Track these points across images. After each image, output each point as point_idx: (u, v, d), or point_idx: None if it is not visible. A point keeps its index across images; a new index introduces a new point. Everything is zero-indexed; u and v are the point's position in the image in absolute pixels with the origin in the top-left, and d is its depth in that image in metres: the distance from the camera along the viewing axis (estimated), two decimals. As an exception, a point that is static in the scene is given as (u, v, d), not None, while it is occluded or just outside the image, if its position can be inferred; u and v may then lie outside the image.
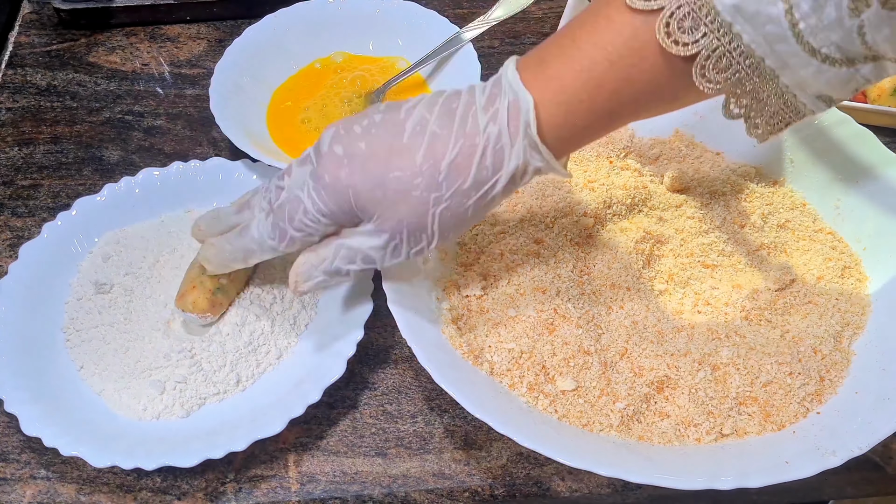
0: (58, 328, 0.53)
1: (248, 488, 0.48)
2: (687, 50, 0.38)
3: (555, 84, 0.41)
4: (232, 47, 0.68)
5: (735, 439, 0.46)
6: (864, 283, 0.54)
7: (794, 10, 0.36)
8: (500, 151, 0.41)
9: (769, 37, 0.37)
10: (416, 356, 0.46)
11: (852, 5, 0.35)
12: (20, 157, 0.66)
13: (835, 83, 0.39)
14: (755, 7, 0.37)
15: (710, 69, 0.39)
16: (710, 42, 0.38)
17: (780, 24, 0.36)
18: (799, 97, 0.40)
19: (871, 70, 0.39)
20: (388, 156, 0.42)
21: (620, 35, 0.39)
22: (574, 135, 0.42)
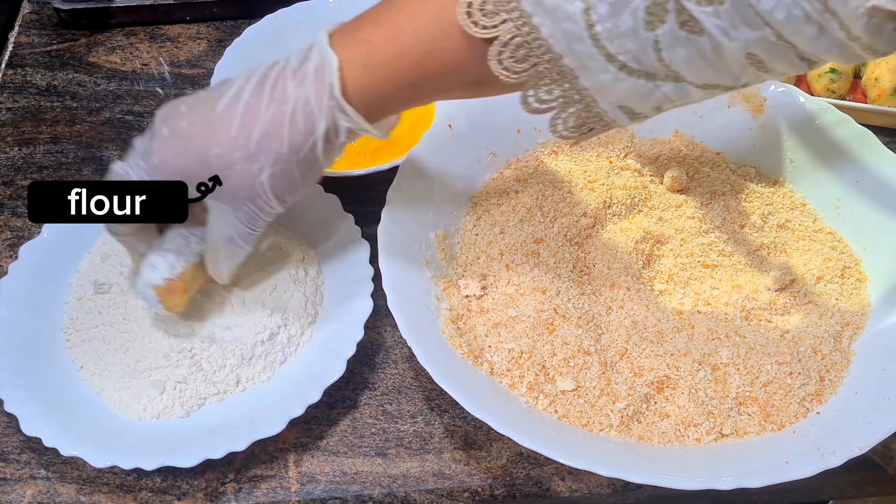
0: (57, 328, 0.53)
1: (248, 488, 0.48)
2: (485, 33, 0.38)
3: (363, 47, 0.41)
4: (232, 47, 0.68)
5: (735, 439, 0.46)
6: (864, 283, 0.54)
7: (591, 11, 0.36)
8: (309, 115, 0.41)
9: (567, 34, 0.37)
10: (416, 356, 0.46)
11: (648, 18, 0.35)
12: (20, 157, 0.66)
13: (633, 94, 0.38)
14: (555, 1, 0.36)
15: (507, 57, 0.38)
16: (508, 29, 0.38)
17: (578, 23, 0.36)
18: (599, 103, 0.39)
19: (674, 90, 0.38)
20: (207, 133, 0.43)
21: (430, 9, 0.40)
22: (381, 98, 0.42)
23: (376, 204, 0.53)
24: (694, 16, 0.34)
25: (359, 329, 0.50)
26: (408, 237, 0.52)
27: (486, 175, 0.59)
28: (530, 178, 0.58)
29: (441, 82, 0.42)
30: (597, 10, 0.36)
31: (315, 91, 0.41)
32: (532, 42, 0.38)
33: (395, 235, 0.52)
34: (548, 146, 0.61)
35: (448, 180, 0.57)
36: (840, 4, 0.32)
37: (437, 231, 0.55)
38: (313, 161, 0.43)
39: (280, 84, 0.42)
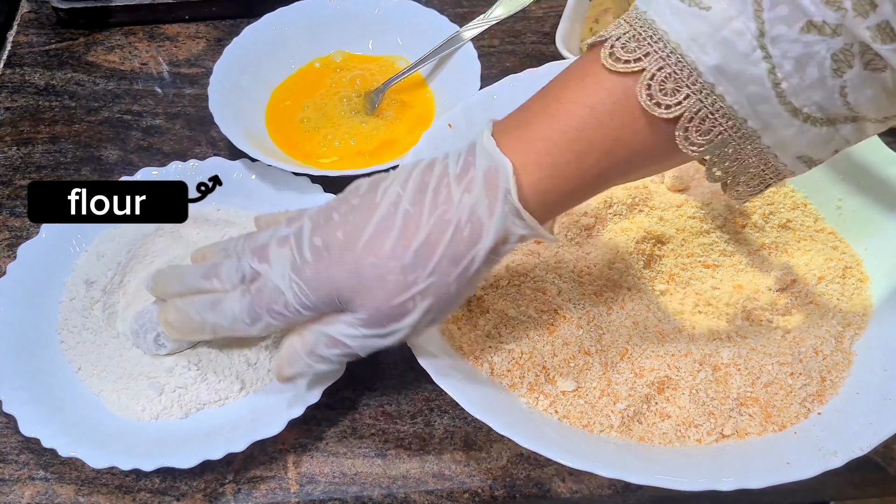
0: (55, 329, 0.52)
1: (247, 489, 0.48)
2: (670, 112, 0.37)
3: (539, 146, 0.39)
4: (231, 46, 0.68)
5: (736, 440, 0.46)
6: (866, 283, 0.54)
7: (776, 70, 0.35)
8: (476, 223, 0.39)
9: (752, 97, 0.36)
10: (416, 356, 0.46)
11: (835, 66, 0.35)
12: (19, 157, 0.66)
13: (816, 143, 0.38)
14: (737, 67, 0.36)
15: (693, 131, 0.38)
16: (692, 104, 0.37)
17: (763, 84, 0.36)
18: (780, 158, 0.39)
19: (852, 130, 0.38)
20: (364, 243, 0.40)
21: (610, 95, 0.38)
22: (561, 198, 0.40)
23: (376, 204, 0.53)
24: (879, 54, 0.34)
25: (358, 329, 0.50)
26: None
27: (487, 175, 0.59)
28: (530, 177, 0.58)
29: (629, 168, 0.40)
30: (782, 68, 0.35)
31: (486, 198, 0.39)
32: (716, 112, 0.37)
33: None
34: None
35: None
36: None
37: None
38: (474, 273, 0.40)
39: (443, 191, 0.40)
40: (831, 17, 0.34)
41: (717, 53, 0.36)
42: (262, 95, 0.68)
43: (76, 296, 0.53)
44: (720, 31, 0.35)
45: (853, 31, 0.34)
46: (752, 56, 0.35)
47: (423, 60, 0.68)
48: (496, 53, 0.73)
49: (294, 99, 0.68)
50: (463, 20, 0.72)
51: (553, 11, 0.77)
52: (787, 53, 0.35)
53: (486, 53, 0.70)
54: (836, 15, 0.34)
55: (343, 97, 0.68)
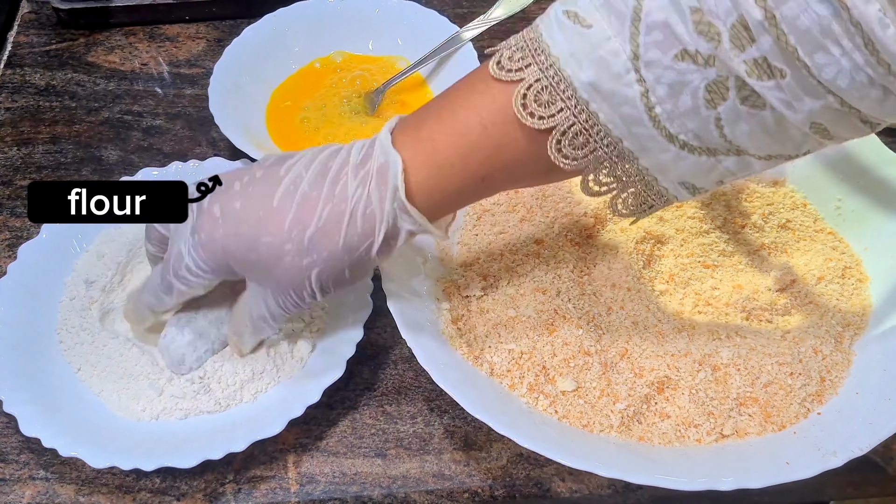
0: (55, 329, 0.52)
1: (247, 489, 0.48)
2: (542, 123, 0.37)
3: (428, 146, 0.40)
4: (231, 47, 0.68)
5: (736, 440, 0.46)
6: (865, 283, 0.54)
7: (650, 94, 0.35)
8: (370, 217, 0.40)
9: (626, 118, 0.36)
10: (416, 356, 0.46)
11: (708, 97, 0.35)
12: (19, 157, 0.66)
13: (696, 171, 0.38)
14: (611, 87, 0.36)
15: (566, 145, 0.38)
16: (566, 118, 0.37)
17: (637, 107, 0.36)
18: (660, 181, 0.39)
19: (735, 163, 0.38)
20: (260, 219, 0.41)
21: (494, 101, 0.39)
22: (446, 198, 0.41)
23: (376, 204, 0.53)
24: (756, 91, 0.34)
25: (358, 329, 0.50)
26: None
27: (486, 175, 0.59)
28: (530, 178, 0.58)
29: (509, 175, 0.41)
30: (655, 93, 0.35)
31: (378, 193, 0.40)
32: (591, 129, 0.37)
33: (394, 235, 0.52)
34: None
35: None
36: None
37: (437, 231, 0.55)
38: (367, 261, 0.42)
39: (341, 180, 0.41)
40: (704, 48, 0.34)
41: (592, 71, 0.36)
42: (262, 95, 0.68)
43: (76, 296, 0.53)
44: (597, 50, 0.35)
45: (728, 64, 0.34)
46: (626, 77, 0.35)
47: (423, 61, 0.68)
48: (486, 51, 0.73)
49: (294, 99, 0.68)
50: (463, 20, 0.72)
51: (553, 12, 0.77)
52: (660, 79, 0.35)
53: (486, 54, 0.70)
54: (708, 45, 0.33)
55: (343, 97, 0.68)
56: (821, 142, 0.37)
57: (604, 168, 0.39)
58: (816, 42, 0.31)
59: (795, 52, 0.32)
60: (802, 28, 0.31)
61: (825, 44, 0.31)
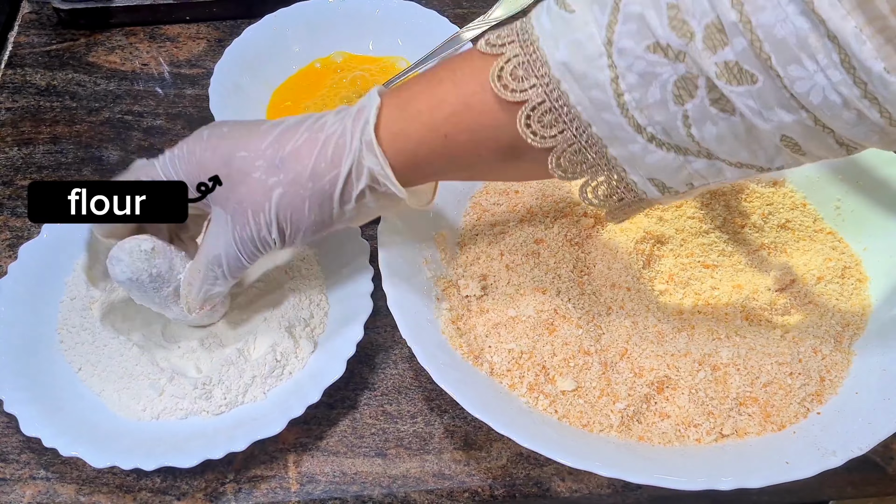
0: (55, 329, 0.53)
1: (247, 489, 0.48)
2: (514, 96, 0.38)
3: (403, 94, 0.42)
4: (231, 47, 0.68)
5: (735, 440, 0.46)
6: (865, 283, 0.54)
7: (620, 80, 0.35)
8: (340, 147, 0.42)
9: (595, 102, 0.36)
10: (416, 356, 0.46)
11: (676, 92, 0.35)
12: (20, 157, 0.66)
13: (664, 168, 0.38)
14: (583, 68, 0.36)
15: (535, 121, 0.38)
16: (537, 93, 0.38)
17: (606, 92, 0.36)
18: (629, 174, 0.39)
19: (706, 167, 0.38)
20: (240, 139, 0.44)
21: (473, 69, 0.40)
22: (411, 149, 0.42)
23: (376, 204, 0.53)
24: (725, 94, 0.34)
25: (359, 329, 0.50)
26: (408, 237, 0.52)
27: (486, 175, 0.59)
28: (530, 178, 0.58)
29: (473, 141, 0.41)
30: (625, 80, 0.35)
31: (351, 125, 0.42)
32: (560, 108, 0.37)
33: (394, 235, 0.52)
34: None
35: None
36: (881, 89, 0.31)
37: (437, 231, 0.55)
38: (327, 199, 0.43)
39: (323, 119, 0.43)
40: (675, 42, 0.34)
41: (566, 51, 0.36)
42: (262, 96, 0.68)
43: (76, 295, 0.53)
44: (574, 32, 0.36)
45: (699, 63, 0.34)
46: (598, 61, 0.36)
47: (423, 61, 0.68)
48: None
49: (294, 99, 0.68)
50: (463, 21, 0.72)
51: (553, 12, 0.77)
52: (631, 67, 0.35)
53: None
54: (680, 41, 0.34)
55: (343, 98, 0.68)
56: (795, 157, 0.36)
57: (573, 150, 0.39)
58: (791, 53, 0.31)
59: (769, 59, 0.32)
60: (778, 37, 0.31)
61: (800, 56, 0.31)
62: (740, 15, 0.32)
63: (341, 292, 0.53)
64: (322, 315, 0.53)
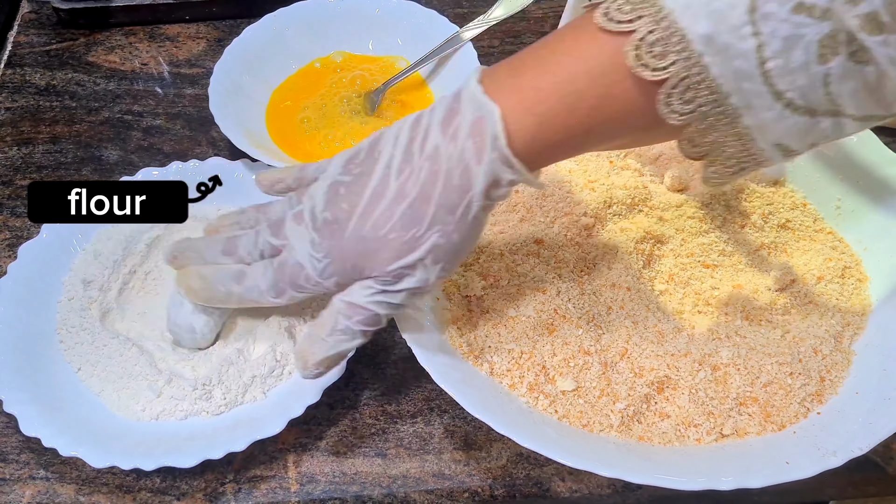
0: (55, 328, 0.53)
1: (247, 489, 0.48)
2: (655, 75, 0.37)
3: (530, 94, 0.39)
4: (231, 47, 0.68)
5: (735, 440, 0.46)
6: (865, 283, 0.54)
7: (764, 48, 0.35)
8: (465, 171, 0.40)
9: (737, 72, 0.36)
10: (416, 356, 0.46)
11: (820, 52, 0.34)
12: (19, 157, 0.66)
13: (794, 132, 0.38)
14: (727, 39, 0.35)
15: (675, 99, 0.37)
16: (678, 70, 0.36)
17: (750, 60, 0.35)
18: (758, 142, 0.38)
19: (831, 125, 0.37)
20: (362, 210, 0.42)
21: (602, 51, 0.38)
22: (547, 149, 0.40)
23: (376, 204, 0.53)
24: (865, 46, 0.34)
25: (358, 329, 0.50)
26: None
27: (486, 175, 0.59)
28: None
29: (613, 128, 0.39)
30: (770, 46, 0.35)
31: (473, 144, 0.39)
32: (701, 83, 0.36)
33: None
34: (548, 146, 0.60)
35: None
36: None
37: (437, 231, 0.55)
38: (472, 220, 0.41)
39: (430, 142, 0.40)
40: (821, 0, 0.34)
41: (708, 22, 0.35)
42: (262, 95, 0.68)
43: (74, 295, 0.53)
44: (714, 2, 0.35)
45: (841, 18, 0.34)
46: (742, 30, 0.35)
47: (423, 61, 0.68)
48: (496, 54, 0.74)
49: (294, 99, 0.68)
50: (463, 20, 0.72)
51: (553, 11, 0.77)
52: (776, 32, 0.35)
53: (486, 54, 0.71)
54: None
55: (343, 97, 0.68)
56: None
57: (707, 124, 0.38)
58: None
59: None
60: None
61: None
62: None
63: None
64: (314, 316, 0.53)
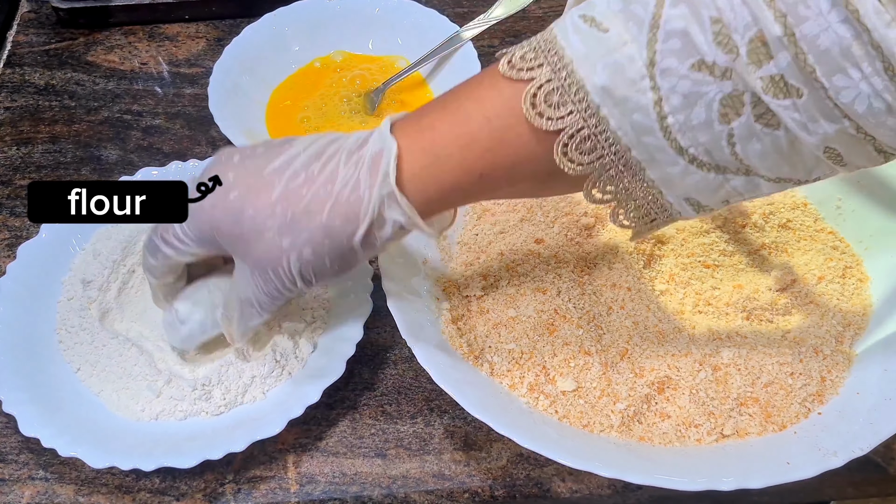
0: (54, 329, 0.52)
1: (247, 489, 0.48)
2: (551, 125, 0.37)
3: (427, 135, 0.39)
4: (231, 46, 0.68)
5: (736, 440, 0.46)
6: (866, 283, 0.54)
7: (663, 103, 0.34)
8: (355, 201, 0.39)
9: (636, 126, 0.35)
10: (416, 356, 0.46)
11: (723, 110, 0.34)
12: (19, 157, 0.66)
13: (702, 188, 0.37)
14: (624, 92, 0.35)
15: (573, 149, 0.37)
16: (575, 121, 0.36)
17: (649, 115, 0.35)
18: (665, 195, 0.38)
19: (744, 183, 0.37)
20: (248, 191, 0.41)
21: (501, 97, 0.38)
22: (441, 191, 0.39)
23: (376, 204, 0.53)
24: (771, 109, 0.33)
25: (358, 329, 0.50)
26: (407, 237, 0.52)
27: (486, 175, 0.59)
28: (530, 177, 0.58)
29: (509, 174, 0.39)
30: (669, 102, 0.34)
31: (368, 176, 0.39)
32: (599, 134, 0.36)
33: (394, 235, 0.51)
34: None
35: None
36: None
37: (437, 231, 0.55)
38: (348, 251, 0.40)
39: (334, 162, 0.40)
40: (722, 59, 0.33)
41: (605, 74, 0.35)
42: (262, 95, 0.68)
43: (74, 295, 0.53)
44: (613, 54, 0.35)
45: (744, 79, 0.33)
46: (641, 84, 0.35)
47: (423, 60, 0.68)
48: (496, 53, 0.73)
49: (294, 99, 0.68)
50: (463, 20, 0.72)
51: (553, 11, 0.77)
52: (675, 88, 0.34)
53: (485, 53, 0.70)
54: (726, 57, 0.33)
55: (343, 97, 0.68)
56: (833, 168, 0.36)
57: (608, 175, 0.38)
58: (836, 63, 0.31)
59: (814, 71, 0.31)
60: (822, 48, 0.31)
61: (844, 66, 0.31)
62: (784, 28, 0.31)
63: (341, 292, 0.53)
64: (322, 315, 0.53)
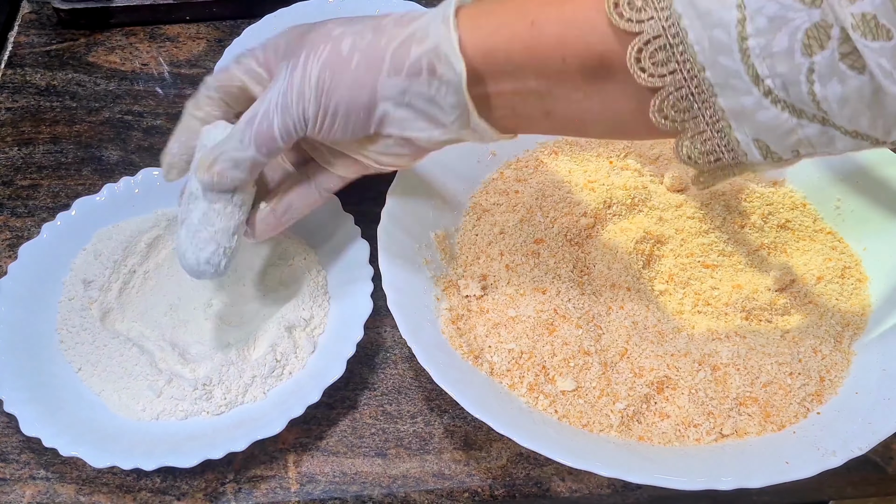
0: (55, 328, 0.53)
1: (247, 489, 0.48)
2: (630, 26, 0.35)
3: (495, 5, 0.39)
4: (232, 47, 0.68)
5: (735, 440, 0.46)
6: (865, 283, 0.54)
7: (747, 22, 0.33)
8: (414, 17, 0.40)
9: (715, 43, 0.34)
10: (416, 356, 0.46)
11: (806, 41, 0.32)
12: (19, 157, 0.66)
13: (774, 129, 0.35)
14: (709, 5, 0.33)
15: (646, 57, 0.35)
16: (653, 26, 0.35)
17: (730, 33, 0.33)
18: (735, 130, 0.36)
19: (818, 134, 0.35)
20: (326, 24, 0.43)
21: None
22: (487, 30, 0.39)
23: (376, 204, 0.53)
24: (858, 48, 0.31)
25: (359, 329, 0.50)
26: (408, 237, 0.52)
27: (486, 175, 0.59)
28: (530, 178, 0.58)
29: (560, 40, 0.37)
30: (753, 22, 0.32)
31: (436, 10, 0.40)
32: (676, 46, 0.35)
33: (394, 235, 0.52)
34: (547, 146, 0.61)
35: (448, 180, 0.57)
36: None
37: (437, 231, 0.55)
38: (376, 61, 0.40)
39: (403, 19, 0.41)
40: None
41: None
42: (262, 96, 0.68)
43: (74, 295, 0.53)
44: None
45: (835, 10, 0.31)
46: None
47: (423, 61, 0.68)
48: None
49: (294, 99, 0.68)
50: (463, 21, 0.71)
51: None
52: (762, 9, 0.33)
53: None
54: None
55: (343, 97, 0.68)
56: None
57: (678, 96, 0.36)
58: None
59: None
60: None
61: None
62: None
63: (341, 292, 0.53)
64: (322, 315, 0.53)
